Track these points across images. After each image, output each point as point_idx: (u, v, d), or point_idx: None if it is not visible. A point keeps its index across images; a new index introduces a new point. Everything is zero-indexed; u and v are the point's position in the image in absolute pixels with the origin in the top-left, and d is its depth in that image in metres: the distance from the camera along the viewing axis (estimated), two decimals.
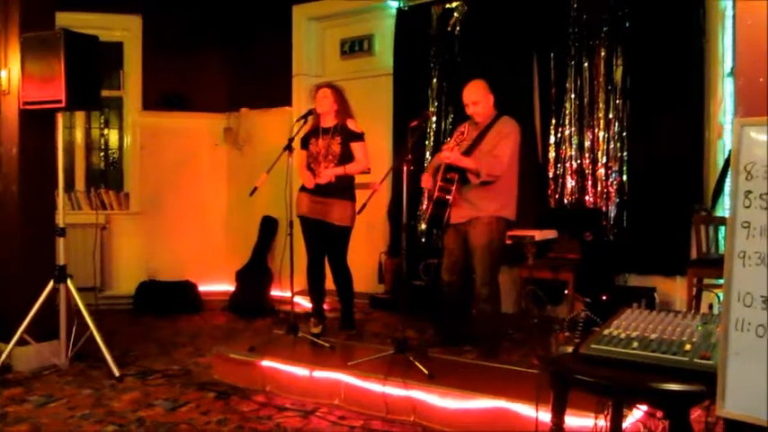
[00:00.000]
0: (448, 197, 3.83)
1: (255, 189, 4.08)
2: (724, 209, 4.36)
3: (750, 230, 1.52)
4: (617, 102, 4.84)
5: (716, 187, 4.40)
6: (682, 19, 4.54)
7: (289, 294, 4.41)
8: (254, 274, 6.24)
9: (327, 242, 4.44)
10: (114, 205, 6.61)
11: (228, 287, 6.38)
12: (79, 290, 4.22)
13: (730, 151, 4.24)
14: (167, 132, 6.63)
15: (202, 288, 6.42)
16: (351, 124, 4.41)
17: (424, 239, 5.62)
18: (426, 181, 4.04)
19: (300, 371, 3.73)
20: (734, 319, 1.53)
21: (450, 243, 4.01)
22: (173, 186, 6.64)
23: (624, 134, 4.82)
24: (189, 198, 6.70)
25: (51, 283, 4.16)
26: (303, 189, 4.44)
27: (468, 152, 3.83)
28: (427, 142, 5.63)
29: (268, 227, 6.48)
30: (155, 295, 6.24)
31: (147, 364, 4.35)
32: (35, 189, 4.30)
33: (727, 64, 4.48)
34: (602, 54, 4.89)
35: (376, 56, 6.24)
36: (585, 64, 4.96)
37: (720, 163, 4.46)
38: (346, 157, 4.39)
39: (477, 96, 3.91)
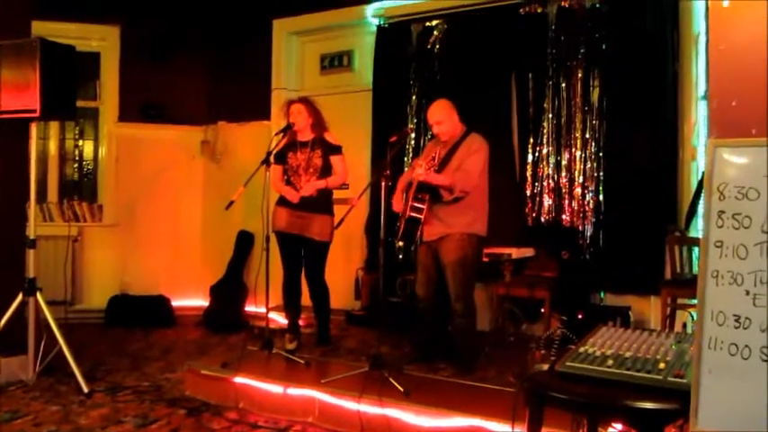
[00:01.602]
0: (420, 216, 3.86)
1: (232, 203, 4.05)
2: (697, 229, 4.43)
3: (723, 250, 1.55)
4: (593, 122, 4.91)
5: (690, 208, 4.47)
6: (656, 43, 4.64)
7: (264, 310, 4.37)
8: (229, 289, 6.18)
9: (306, 257, 4.42)
10: (87, 217, 6.52)
11: (203, 302, 6.31)
12: (49, 303, 4.14)
13: (703, 172, 4.34)
14: (143, 144, 6.57)
15: (176, 303, 6.34)
16: (329, 137, 4.43)
17: (401, 255, 5.62)
18: (398, 204, 4.07)
19: (274, 387, 3.69)
20: (707, 337, 1.55)
21: (424, 259, 4.03)
22: (147, 199, 6.58)
23: (600, 154, 4.88)
24: (164, 211, 6.63)
25: (20, 296, 4.08)
26: (281, 203, 4.43)
27: (438, 170, 3.87)
28: (406, 158, 5.65)
29: (244, 241, 6.44)
30: (127, 309, 6.14)
31: (117, 379, 4.28)
32: (6, 199, 4.23)
33: (701, 87, 4.58)
34: (580, 75, 4.97)
35: (356, 71, 6.28)
36: (563, 84, 5.03)
37: (694, 184, 4.54)
38: (327, 169, 4.40)
39: (440, 116, 3.96)
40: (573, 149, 4.99)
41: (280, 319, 5.20)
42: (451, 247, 3.85)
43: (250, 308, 6.06)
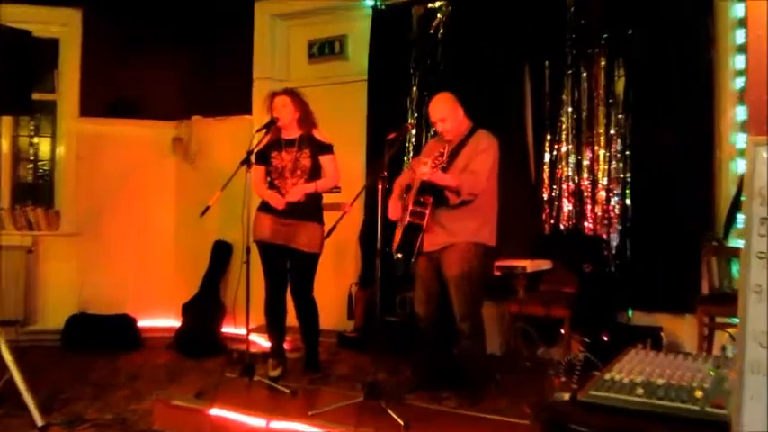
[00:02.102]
0: (421, 222, 3.85)
1: (208, 209, 4.05)
2: (737, 239, 4.43)
3: (767, 262, 1.54)
4: (618, 116, 4.92)
5: (728, 214, 4.47)
6: (689, 27, 4.65)
7: (244, 331, 4.35)
8: (204, 308, 6.16)
9: (292, 271, 4.42)
10: (42, 225, 6.50)
11: (174, 322, 6.29)
12: None
13: (743, 174, 4.34)
14: (107, 142, 6.57)
15: (143, 323, 6.32)
16: (318, 134, 4.43)
17: (401, 269, 5.61)
18: (394, 210, 4.07)
19: (255, 421, 3.67)
20: (749, 361, 1.54)
21: (424, 273, 4.03)
22: (111, 204, 6.56)
23: (627, 153, 4.89)
24: (130, 218, 6.62)
25: None
26: (264, 209, 4.42)
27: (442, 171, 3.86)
28: (406, 158, 5.66)
29: (221, 253, 6.42)
30: (87, 330, 6.12)
31: (77, 410, 4.25)
32: None
33: (740, 78, 4.58)
34: (602, 63, 4.98)
35: (349, 60, 6.29)
36: (584, 74, 5.04)
37: (733, 187, 4.54)
38: (316, 171, 4.40)
39: (443, 112, 3.96)
40: (595, 147, 4.99)
41: (262, 342, 5.18)
42: (455, 258, 3.84)
43: (228, 329, 6.04)
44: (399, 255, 5.35)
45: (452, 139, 3.98)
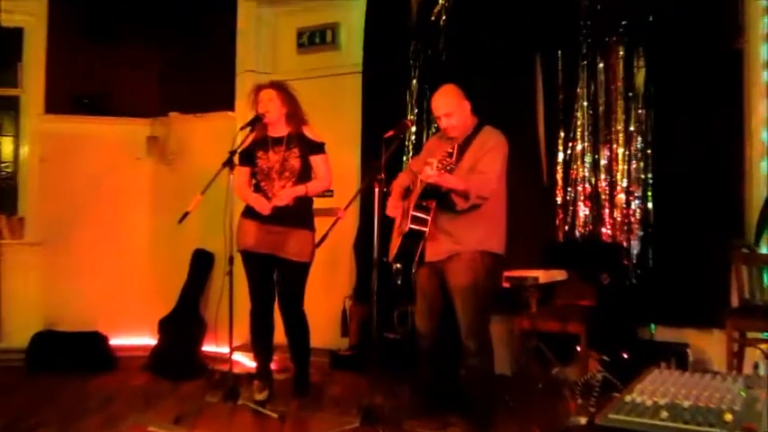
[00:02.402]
0: (423, 228, 3.84)
1: (187, 214, 4.04)
2: None
3: None
4: (639, 111, 4.92)
5: (760, 218, 4.47)
6: (715, 12, 4.66)
7: (226, 350, 4.34)
8: (183, 324, 6.14)
9: (280, 283, 4.42)
10: (5, 233, 6.48)
11: (149, 340, 6.27)
12: None
13: None
14: (75, 141, 6.56)
15: (116, 341, 6.29)
16: (308, 132, 4.44)
17: (400, 280, 5.60)
18: (394, 207, 4.06)
19: None
20: None
21: (425, 284, 4.02)
22: (80, 210, 6.55)
23: (648, 151, 4.89)
24: (101, 225, 6.61)
25: None
26: (249, 215, 4.42)
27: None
28: (405, 158, 5.67)
29: (201, 263, 6.42)
30: (54, 350, 6.08)
31: None
32: None
33: None
34: (620, 53, 4.99)
35: (341, 50, 6.29)
36: (600, 65, 5.05)
37: (765, 188, 4.55)
38: (306, 173, 4.41)
39: (448, 106, 3.95)
40: (613, 146, 5.00)
41: (246, 362, 5.17)
42: (461, 268, 3.84)
43: (209, 347, 6.04)
44: (397, 264, 5.38)
45: (457, 137, 3.97)
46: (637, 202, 4.91)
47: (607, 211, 5.01)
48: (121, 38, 6.59)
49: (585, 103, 5.10)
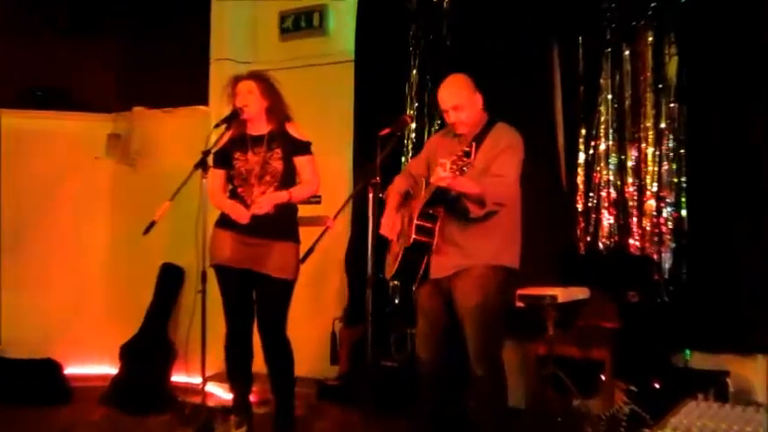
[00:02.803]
0: (429, 240, 3.83)
1: (153, 224, 4.04)
2: None
3: None
4: (670, 105, 4.92)
5: None
6: None
7: (199, 380, 4.33)
8: (148, 350, 6.13)
9: (259, 303, 4.41)
10: None
11: (110, 369, 6.26)
12: None
13: None
14: (27, 139, 6.56)
15: (72, 369, 6.28)
16: (292, 130, 4.43)
17: (398, 299, 5.60)
18: (390, 226, 4.05)
19: None
20: None
21: (429, 304, 4.01)
22: (30, 218, 6.54)
23: (681, 151, 4.89)
24: (54, 236, 6.60)
25: None
26: (224, 225, 4.41)
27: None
28: (404, 159, 5.67)
29: (170, 280, 6.41)
30: (3, 379, 6.07)
31: None
32: None
33: None
34: (650, 39, 4.98)
35: (330, 36, 6.31)
36: (626, 53, 5.04)
37: None
38: (290, 176, 4.40)
39: (459, 98, 3.94)
40: (642, 145, 4.99)
41: (222, 394, 5.15)
42: (472, 285, 3.82)
43: (179, 377, 6.04)
44: (395, 281, 5.37)
45: (466, 134, 3.97)
46: (669, 209, 4.91)
47: (635, 219, 4.99)
48: (79, 24, 6.59)
49: (610, 97, 5.09)
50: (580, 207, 5.16)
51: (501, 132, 3.95)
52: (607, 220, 5.09)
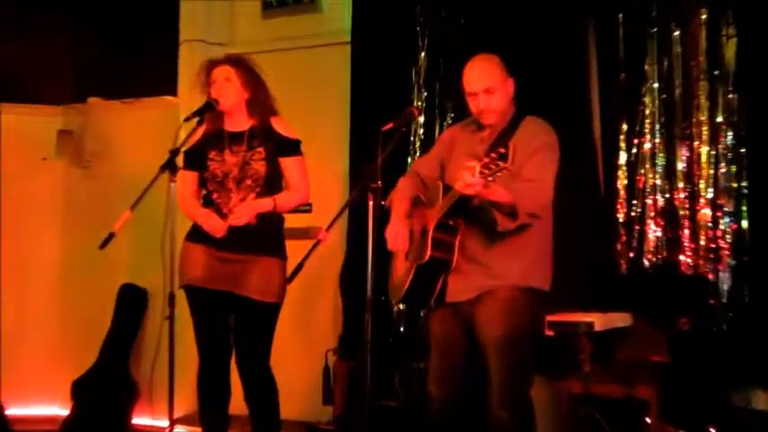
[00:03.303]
0: (448, 256, 3.81)
1: (112, 237, 4.02)
2: None
3: None
4: (728, 96, 4.91)
5: None
6: None
7: (165, 423, 4.31)
8: (106, 387, 6.13)
9: (238, 331, 4.40)
10: None
11: (59, 410, 6.25)
12: None
13: None
14: None
15: (15, 410, 6.27)
16: (278, 125, 4.43)
17: (403, 327, 5.58)
18: (397, 237, 4.02)
19: None
20: None
21: (445, 333, 4.00)
22: None
23: (742, 150, 4.88)
24: None
25: None
26: (196, 238, 4.40)
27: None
28: (410, 159, 5.66)
29: (131, 303, 6.41)
30: None
31: None
32: None
33: None
34: (703, 17, 4.99)
35: (323, 12, 6.32)
36: (676, 33, 5.04)
37: None
38: (275, 180, 4.40)
39: (492, 80, 3.91)
40: (695, 143, 4.98)
41: None
42: (497, 310, 3.79)
43: (142, 419, 6.05)
44: (400, 305, 5.35)
45: (494, 125, 3.95)
46: (727, 219, 4.89)
47: (687, 231, 4.98)
48: (25, 3, 6.60)
49: (656, 86, 5.09)
50: (621, 217, 5.15)
51: (533, 128, 3.92)
52: (653, 232, 5.07)
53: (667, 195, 5.05)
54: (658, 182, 5.08)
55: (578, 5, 5.31)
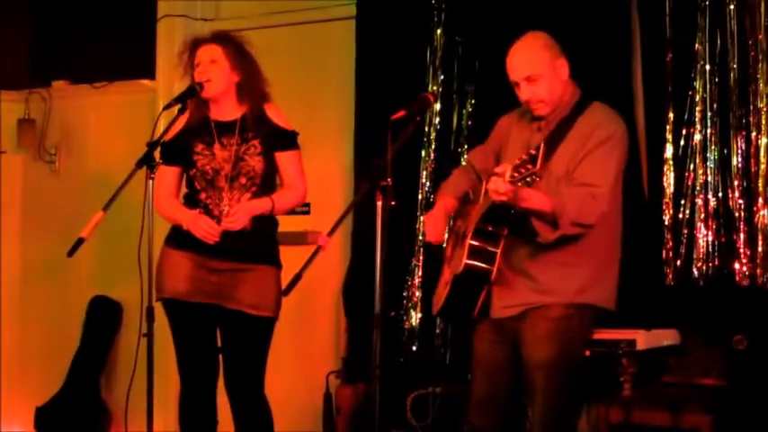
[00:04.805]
0: (488, 267, 3.81)
1: (81, 242, 4.03)
2: None
3: None
4: None
5: None
6: None
7: None
8: (74, 414, 6.14)
9: (227, 350, 4.43)
10: None
11: None
12: None
13: None
14: None
15: None
16: (273, 114, 4.44)
17: (416, 345, 5.59)
18: (436, 228, 4.04)
19: None
20: None
21: (489, 354, 4.02)
22: None
23: None
24: None
25: None
26: (179, 244, 4.41)
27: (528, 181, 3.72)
28: (424, 152, 5.70)
29: (103, 319, 6.43)
30: None
31: None
32: None
33: None
34: None
35: None
36: (731, 6, 5.06)
37: None
38: (270, 178, 4.42)
39: (534, 65, 3.88)
40: (753, 134, 4.99)
41: None
42: (545, 331, 3.80)
43: None
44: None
45: (548, 117, 3.92)
46: None
47: (742, 236, 5.00)
48: None
49: (708, 67, 5.09)
50: (667, 220, 5.17)
51: (595, 118, 3.88)
52: (704, 237, 5.08)
53: (720, 194, 5.05)
54: (710, 179, 5.08)
55: None
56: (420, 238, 4.06)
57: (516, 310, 3.86)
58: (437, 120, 5.73)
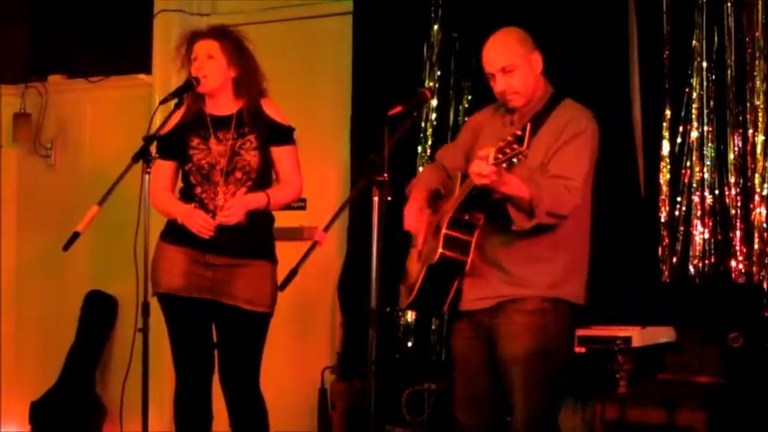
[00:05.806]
0: (462, 257, 3.81)
1: (76, 237, 4.02)
2: None
3: None
4: None
5: None
6: None
7: None
8: (69, 409, 6.13)
9: (223, 345, 4.42)
10: None
11: None
12: None
13: None
14: None
15: None
16: (269, 109, 4.43)
17: (411, 342, 5.59)
18: (414, 218, 4.04)
19: None
20: None
21: (466, 349, 4.00)
22: None
23: None
24: None
25: None
26: (174, 238, 4.40)
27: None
28: (421, 148, 5.69)
29: (98, 314, 6.42)
30: None
31: None
32: None
33: None
34: None
35: None
36: (728, 3, 5.05)
37: None
38: (266, 173, 4.41)
39: (509, 56, 3.88)
40: (749, 131, 4.99)
41: None
42: (520, 325, 3.79)
43: None
44: (407, 314, 5.35)
45: (522, 110, 3.93)
46: None
47: (738, 233, 4.99)
48: None
49: (705, 65, 5.10)
50: (663, 217, 5.16)
51: (568, 113, 3.89)
52: (701, 234, 5.08)
53: (717, 192, 5.06)
54: (707, 176, 5.08)
55: None
56: (406, 230, 4.02)
57: (489, 303, 3.85)
58: (434, 116, 5.73)
